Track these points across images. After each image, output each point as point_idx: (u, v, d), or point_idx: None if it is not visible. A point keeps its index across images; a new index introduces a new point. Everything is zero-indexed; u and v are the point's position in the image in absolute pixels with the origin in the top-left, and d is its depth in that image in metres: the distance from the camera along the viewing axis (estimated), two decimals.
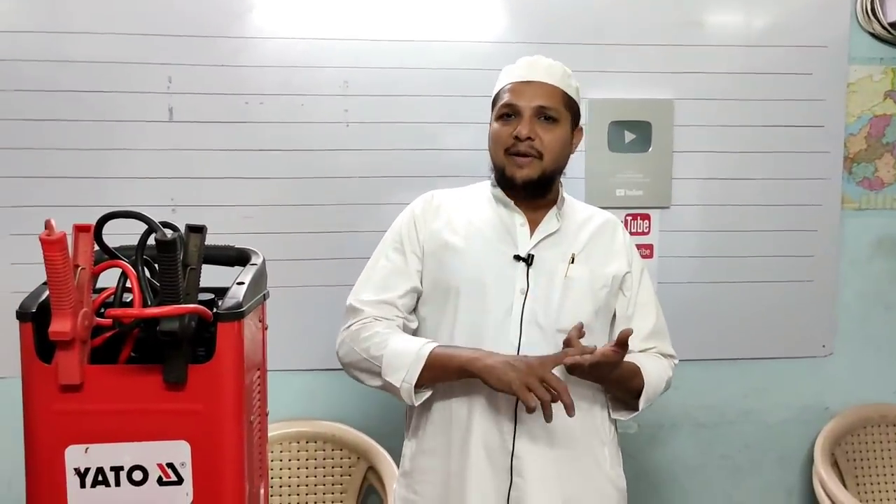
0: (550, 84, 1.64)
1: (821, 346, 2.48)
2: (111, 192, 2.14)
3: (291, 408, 2.27)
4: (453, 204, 1.73)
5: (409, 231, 1.71)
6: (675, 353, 1.80)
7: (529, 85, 1.64)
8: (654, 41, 2.33)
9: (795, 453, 2.50)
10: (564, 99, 1.66)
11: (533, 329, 1.60)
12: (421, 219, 1.71)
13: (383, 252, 1.72)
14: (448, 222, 1.70)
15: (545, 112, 1.63)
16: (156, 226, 1.02)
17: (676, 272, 2.38)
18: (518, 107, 1.62)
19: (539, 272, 1.63)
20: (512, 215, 1.68)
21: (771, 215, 2.40)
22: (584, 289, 1.65)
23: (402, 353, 1.56)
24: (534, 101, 1.62)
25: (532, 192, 1.65)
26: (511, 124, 1.63)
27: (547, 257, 1.65)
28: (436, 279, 1.67)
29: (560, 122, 1.64)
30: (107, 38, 2.13)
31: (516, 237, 1.66)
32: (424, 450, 1.67)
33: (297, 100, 2.21)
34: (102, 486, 1.02)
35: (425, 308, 1.70)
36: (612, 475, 1.68)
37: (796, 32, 2.37)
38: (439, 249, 1.67)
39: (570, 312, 1.62)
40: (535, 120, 1.62)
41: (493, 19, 2.28)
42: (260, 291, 1.20)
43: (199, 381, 1.03)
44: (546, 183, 1.65)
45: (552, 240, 1.67)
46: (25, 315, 1.02)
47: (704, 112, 2.35)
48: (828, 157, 2.42)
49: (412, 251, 1.69)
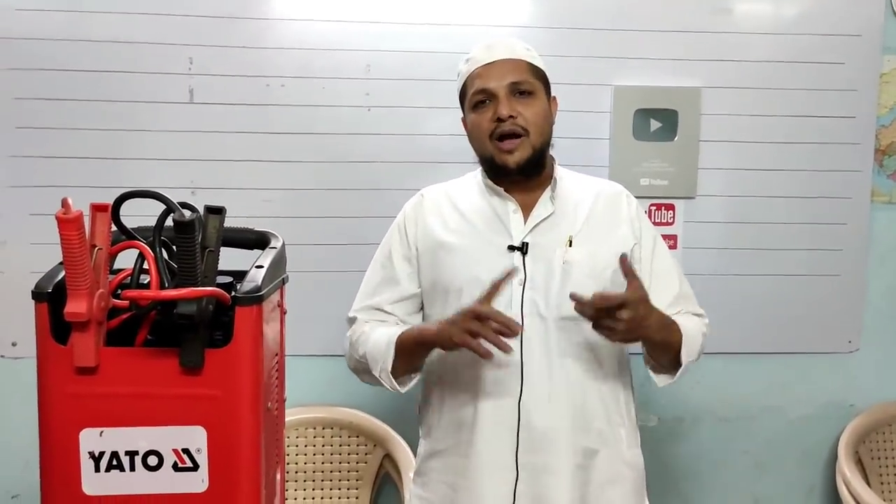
0: (514, 59, 1.61)
1: (847, 341, 2.43)
2: (131, 173, 2.13)
3: (309, 393, 2.26)
4: (444, 200, 1.70)
5: (400, 238, 1.69)
6: (704, 313, 1.73)
7: (493, 65, 1.60)
8: (682, 28, 2.28)
9: (818, 450, 2.46)
10: (533, 70, 1.62)
11: (535, 320, 1.56)
12: (412, 222, 1.69)
13: (377, 262, 1.73)
14: (440, 220, 1.66)
15: (519, 87, 1.58)
16: (174, 206, 1.00)
17: (701, 264, 2.33)
18: (490, 89, 1.58)
19: (536, 260, 1.58)
20: (504, 203, 1.63)
21: (799, 207, 2.35)
22: (585, 272, 1.58)
23: (378, 344, 1.58)
24: (505, 79, 1.58)
25: (526, 173, 1.60)
26: (488, 109, 1.59)
27: (542, 243, 1.60)
28: (434, 280, 1.64)
29: (536, 94, 1.60)
30: (128, 18, 2.12)
31: (509, 226, 1.61)
32: (435, 451, 1.65)
33: (319, 82, 2.19)
34: (117, 470, 1.01)
35: (430, 309, 1.67)
36: (629, 455, 1.64)
37: (828, 20, 2.31)
38: (433, 250, 1.64)
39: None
40: (511, 97, 1.58)
41: (517, 4, 2.24)
42: (279, 275, 1.18)
43: (216, 365, 1.01)
44: (538, 159, 1.61)
45: (547, 224, 1.62)
46: (41, 295, 1.00)
47: (732, 101, 2.31)
48: (858, 148, 2.36)
49: (403, 257, 1.68)
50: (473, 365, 1.55)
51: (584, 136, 2.25)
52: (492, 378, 1.56)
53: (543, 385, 1.56)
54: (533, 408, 1.55)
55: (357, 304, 1.72)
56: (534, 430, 1.55)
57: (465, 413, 1.59)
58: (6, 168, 2.12)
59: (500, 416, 1.56)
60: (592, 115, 2.26)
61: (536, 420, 1.55)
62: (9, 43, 2.09)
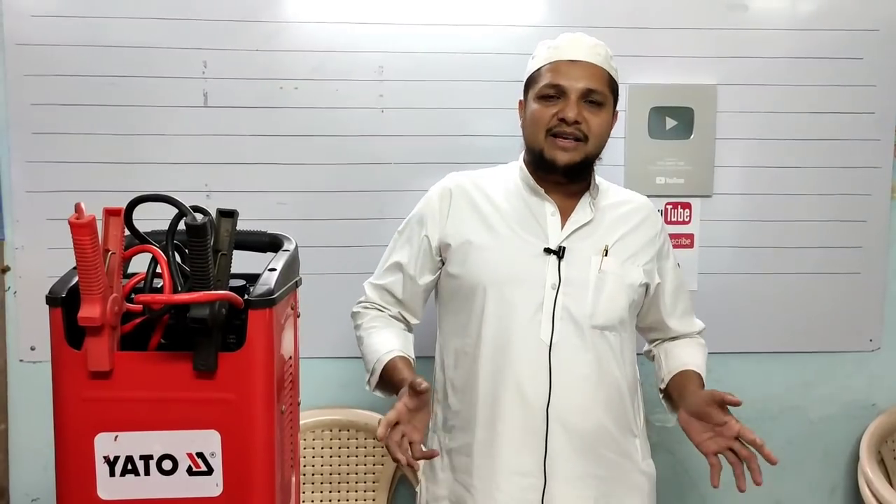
0: (596, 65, 1.58)
1: (868, 340, 2.40)
2: (146, 176, 2.14)
3: (324, 396, 2.25)
4: (476, 192, 1.66)
5: (423, 223, 1.67)
6: (700, 322, 1.80)
7: (575, 65, 1.56)
8: (697, 25, 2.25)
9: (840, 450, 2.43)
10: (609, 82, 1.60)
11: (567, 325, 1.55)
12: (437, 212, 1.66)
13: (398, 239, 1.73)
14: (472, 213, 1.63)
15: (592, 95, 1.56)
16: (186, 210, 1.00)
17: (718, 263, 2.31)
18: (564, 87, 1.55)
19: (571, 265, 1.57)
20: (542, 204, 1.61)
21: (817, 205, 2.32)
22: (619, 283, 1.59)
23: (370, 354, 1.63)
24: (581, 83, 1.55)
25: (571, 176, 1.58)
26: (555, 105, 1.55)
27: (579, 249, 1.58)
28: (460, 276, 1.61)
29: (605, 107, 1.58)
30: (142, 22, 2.12)
31: (546, 228, 1.60)
32: (449, 448, 1.63)
33: (332, 84, 2.19)
34: (132, 474, 1.01)
35: (452, 304, 1.66)
36: (644, 466, 1.65)
37: (846, 15, 2.28)
38: (462, 245, 1.61)
39: (606, 308, 1.57)
40: (580, 103, 1.55)
41: (531, 3, 2.23)
42: (292, 278, 1.18)
43: (230, 369, 1.01)
44: (586, 167, 1.60)
45: (585, 231, 1.61)
46: (55, 300, 1.00)
47: (749, 98, 2.28)
48: (878, 144, 2.33)
49: (424, 244, 1.66)
50: (500, 368, 1.54)
51: None
52: (518, 383, 1.54)
53: (573, 393, 1.55)
54: (561, 414, 1.53)
55: (374, 276, 1.75)
56: (562, 438, 1.53)
57: (487, 414, 1.57)
58: (23, 173, 2.13)
59: (527, 422, 1.54)
60: None
61: (564, 427, 1.54)
62: (25, 49, 2.10)
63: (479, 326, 1.58)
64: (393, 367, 1.55)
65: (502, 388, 1.55)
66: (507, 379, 1.54)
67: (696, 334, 1.78)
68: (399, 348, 1.60)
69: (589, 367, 1.55)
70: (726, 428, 1.48)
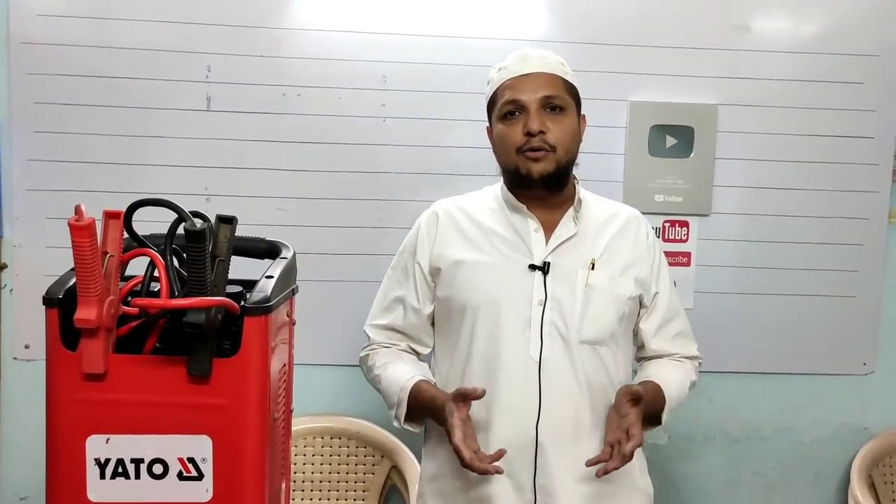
0: (549, 73, 1.57)
1: (861, 363, 2.40)
2: (146, 179, 2.14)
3: (317, 403, 2.25)
4: (460, 215, 1.65)
5: (414, 255, 1.66)
6: (699, 353, 1.73)
7: (528, 78, 1.56)
8: (700, 45, 2.27)
9: (831, 473, 2.43)
10: (566, 86, 1.58)
11: (555, 342, 1.53)
12: (427, 239, 1.64)
13: (392, 277, 1.70)
14: (458, 236, 1.62)
15: (551, 101, 1.54)
16: (185, 215, 1.00)
17: (714, 282, 2.32)
18: (522, 101, 1.54)
19: (557, 281, 1.55)
20: (525, 220, 1.60)
21: (815, 227, 2.33)
22: (607, 296, 1.57)
23: (391, 386, 1.59)
24: (538, 93, 1.54)
25: (549, 186, 1.57)
26: (518, 122, 1.55)
27: (564, 264, 1.57)
28: (449, 297, 1.61)
29: (567, 111, 1.56)
30: (147, 25, 2.13)
31: (531, 244, 1.58)
32: (442, 472, 1.61)
33: (335, 92, 2.19)
34: (122, 477, 1.01)
35: (443, 326, 1.64)
36: (642, 483, 1.63)
37: (847, 40, 2.30)
38: (451, 266, 1.60)
39: (594, 322, 1.55)
40: (542, 112, 1.54)
41: (534, 18, 2.24)
42: (289, 286, 1.18)
43: (224, 375, 1.01)
44: (562, 175, 1.57)
45: (569, 245, 1.59)
46: (51, 301, 1.00)
47: (749, 119, 2.30)
48: (876, 169, 2.34)
49: (417, 276, 1.64)
50: (489, 387, 1.51)
51: (599, 151, 2.24)
52: (508, 401, 1.53)
53: (562, 409, 1.53)
54: (551, 432, 1.52)
55: (372, 318, 1.71)
56: (552, 455, 1.52)
57: (478, 434, 1.52)
58: (23, 171, 2.14)
59: (517, 440, 1.51)
60: (608, 130, 2.25)
61: (554, 445, 1.52)
62: (29, 48, 2.11)
63: (468, 347, 1.57)
64: (418, 390, 1.54)
65: (493, 407, 1.53)
66: (496, 398, 1.52)
67: (684, 358, 1.71)
68: (419, 374, 1.59)
69: (578, 383, 1.54)
70: (624, 420, 1.48)
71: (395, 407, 1.58)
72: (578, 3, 2.24)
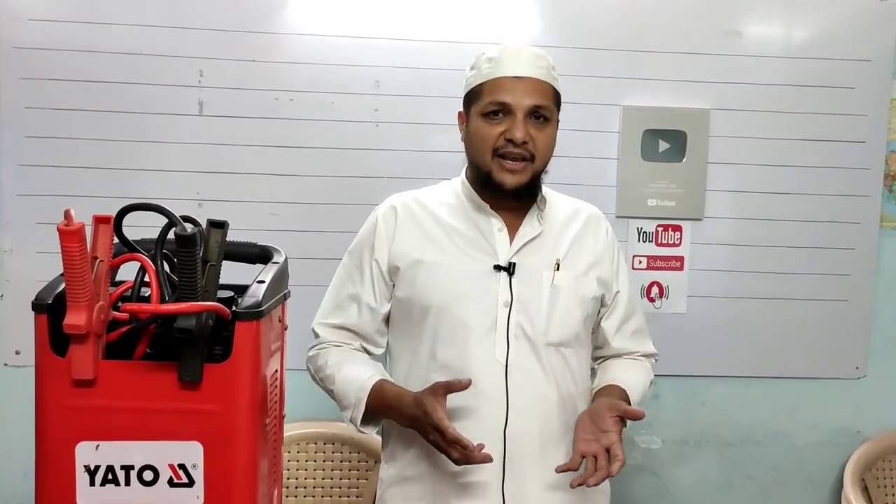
0: (542, 80, 1.51)
1: (854, 367, 2.41)
2: (138, 184, 2.14)
3: (310, 408, 2.23)
4: (420, 210, 1.59)
5: (370, 252, 1.58)
6: (655, 349, 1.71)
7: (520, 81, 1.48)
8: (692, 50, 2.28)
9: (824, 477, 2.43)
10: (554, 95, 1.53)
11: (522, 344, 1.50)
12: (385, 236, 1.58)
13: (345, 274, 1.63)
14: (418, 233, 1.57)
15: (539, 111, 1.49)
16: (176, 220, 1.00)
17: (707, 286, 2.32)
18: (510, 105, 1.47)
19: (522, 281, 1.52)
20: (489, 220, 1.55)
21: (807, 231, 2.34)
22: (572, 297, 1.54)
23: (347, 387, 1.51)
24: (527, 100, 1.48)
25: (520, 196, 1.54)
26: (500, 123, 1.48)
27: (529, 264, 1.53)
28: (409, 297, 1.54)
29: (551, 122, 1.52)
30: (140, 30, 2.13)
31: (495, 244, 1.54)
32: (403, 477, 1.56)
33: (328, 97, 2.19)
34: (112, 484, 1.00)
35: (401, 327, 1.59)
36: (605, 486, 1.59)
37: (839, 45, 2.31)
38: (411, 265, 1.55)
39: (560, 323, 1.52)
40: (527, 120, 1.49)
41: (527, 23, 2.24)
42: (281, 291, 1.17)
43: (215, 380, 1.00)
44: (534, 184, 1.54)
45: (534, 245, 1.55)
46: (41, 307, 1.00)
47: (741, 123, 2.30)
48: (868, 173, 2.35)
49: (374, 274, 1.58)
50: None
51: (592, 156, 2.25)
52: (474, 405, 1.48)
53: (530, 412, 1.50)
54: (519, 436, 1.49)
55: (323, 316, 1.63)
56: (519, 460, 1.49)
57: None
58: (14, 176, 2.13)
59: (486, 445, 1.42)
60: (601, 134, 2.26)
61: (523, 449, 1.49)
62: (20, 52, 2.10)
63: (431, 349, 1.52)
64: (380, 390, 1.49)
65: (460, 411, 1.48)
66: (463, 402, 1.47)
67: (642, 356, 1.69)
68: (378, 374, 1.53)
69: (546, 386, 1.51)
70: (605, 436, 1.43)
71: (351, 408, 1.50)
72: (571, 7, 2.24)
